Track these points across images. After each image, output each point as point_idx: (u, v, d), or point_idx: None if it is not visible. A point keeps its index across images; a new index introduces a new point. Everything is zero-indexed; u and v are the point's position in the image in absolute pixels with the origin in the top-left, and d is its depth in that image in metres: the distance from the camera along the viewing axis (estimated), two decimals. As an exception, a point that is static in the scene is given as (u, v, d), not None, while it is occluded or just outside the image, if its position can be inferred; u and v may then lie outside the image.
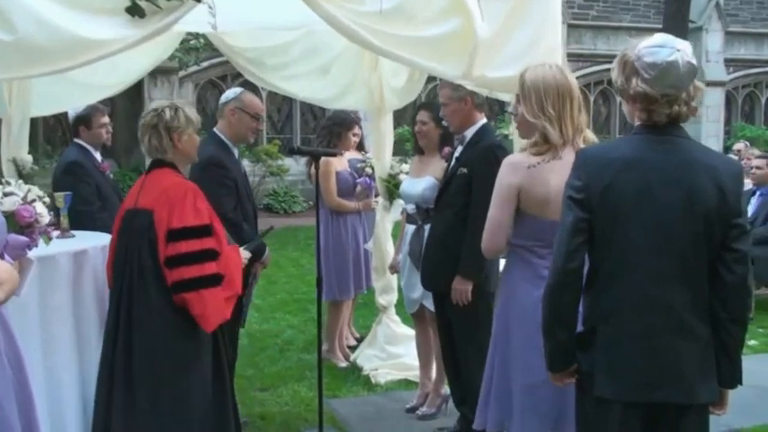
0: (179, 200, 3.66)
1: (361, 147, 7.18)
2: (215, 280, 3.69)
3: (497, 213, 3.55)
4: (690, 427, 2.82)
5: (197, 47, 13.61)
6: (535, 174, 3.49)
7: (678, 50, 2.73)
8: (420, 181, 5.39)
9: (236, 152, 5.14)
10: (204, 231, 3.69)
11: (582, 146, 3.46)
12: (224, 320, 3.79)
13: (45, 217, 3.58)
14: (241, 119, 5.01)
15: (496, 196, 3.56)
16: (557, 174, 3.42)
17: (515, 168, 3.53)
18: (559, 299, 2.86)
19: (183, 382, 3.70)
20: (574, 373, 2.97)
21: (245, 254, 4.14)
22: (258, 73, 6.26)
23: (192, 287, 3.62)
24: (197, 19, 4.13)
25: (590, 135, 3.61)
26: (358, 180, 6.73)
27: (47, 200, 4.15)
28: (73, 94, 5.79)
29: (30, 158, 5.70)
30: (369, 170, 6.67)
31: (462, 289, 4.61)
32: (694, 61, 2.77)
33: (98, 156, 5.89)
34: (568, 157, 3.39)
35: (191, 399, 3.73)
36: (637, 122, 2.86)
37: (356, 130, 6.77)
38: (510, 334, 3.63)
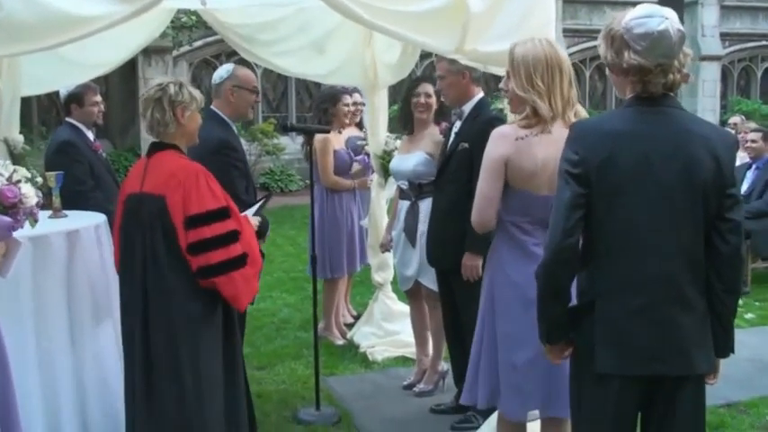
0: (192, 184, 3.59)
1: (360, 125, 7.15)
2: (242, 260, 3.67)
3: (485, 186, 3.53)
4: (687, 398, 2.82)
5: (189, 24, 13.53)
6: (523, 146, 3.46)
7: (666, 18, 2.72)
8: (410, 157, 5.36)
9: (234, 129, 5.09)
10: (224, 213, 3.65)
11: (574, 120, 3.43)
12: (254, 297, 3.81)
13: (31, 198, 3.50)
14: (241, 96, 4.88)
15: (484, 168, 3.53)
16: (545, 147, 3.42)
17: (503, 140, 3.50)
18: (557, 275, 2.84)
19: (203, 370, 3.67)
20: (568, 347, 2.95)
21: (253, 220, 4.08)
22: (251, 49, 6.21)
23: (221, 271, 3.60)
24: (186, -5, 4.09)
25: (581, 110, 3.58)
26: (356, 158, 6.71)
27: (39, 179, 4.10)
28: (63, 73, 5.72)
29: (21, 138, 5.63)
30: (368, 149, 6.64)
31: (472, 265, 4.59)
32: (682, 28, 2.76)
33: (90, 135, 5.84)
34: (559, 131, 3.38)
35: (212, 386, 3.72)
36: (629, 94, 2.84)
37: (346, 100, 6.68)
38: (498, 311, 3.62)
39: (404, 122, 5.61)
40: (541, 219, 3.41)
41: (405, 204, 5.47)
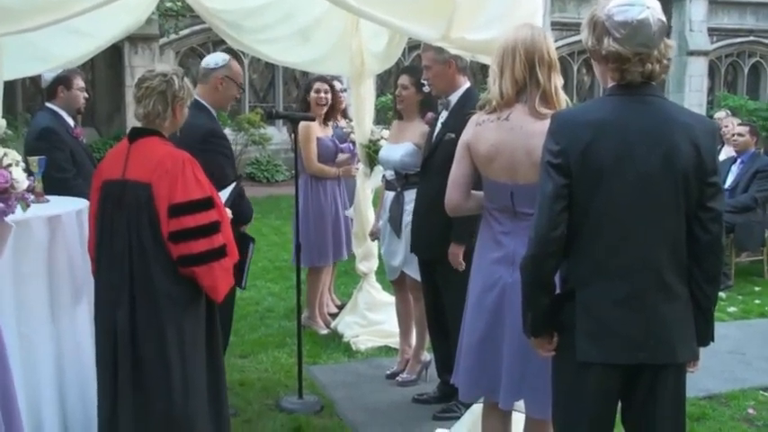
0: (179, 172, 3.55)
1: (345, 114, 7.12)
2: (223, 251, 3.65)
3: (453, 169, 3.66)
4: (668, 386, 2.82)
5: (174, 10, 13.43)
6: (479, 131, 3.54)
7: (648, 8, 2.72)
8: (398, 147, 5.34)
9: (217, 117, 5.09)
10: (209, 203, 3.63)
11: (542, 110, 3.41)
12: (230, 287, 3.81)
13: (22, 182, 3.46)
14: (228, 87, 4.94)
15: (456, 153, 3.65)
16: (497, 133, 3.47)
17: (469, 126, 3.62)
18: (544, 267, 2.83)
19: (188, 361, 3.65)
20: (553, 339, 2.95)
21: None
22: (237, 37, 6.15)
23: (202, 261, 3.58)
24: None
25: (563, 99, 3.52)
26: (342, 145, 6.68)
27: (23, 165, 4.07)
28: (45, 59, 5.65)
29: (3, 123, 5.57)
30: (353, 136, 6.62)
31: (458, 254, 4.58)
32: (664, 19, 2.76)
33: (71, 121, 5.78)
34: (519, 118, 3.43)
35: (196, 378, 3.69)
36: (610, 83, 2.84)
37: (317, 87, 6.55)
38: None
39: (394, 109, 5.68)
40: (505, 206, 3.50)
41: (390, 194, 5.46)
